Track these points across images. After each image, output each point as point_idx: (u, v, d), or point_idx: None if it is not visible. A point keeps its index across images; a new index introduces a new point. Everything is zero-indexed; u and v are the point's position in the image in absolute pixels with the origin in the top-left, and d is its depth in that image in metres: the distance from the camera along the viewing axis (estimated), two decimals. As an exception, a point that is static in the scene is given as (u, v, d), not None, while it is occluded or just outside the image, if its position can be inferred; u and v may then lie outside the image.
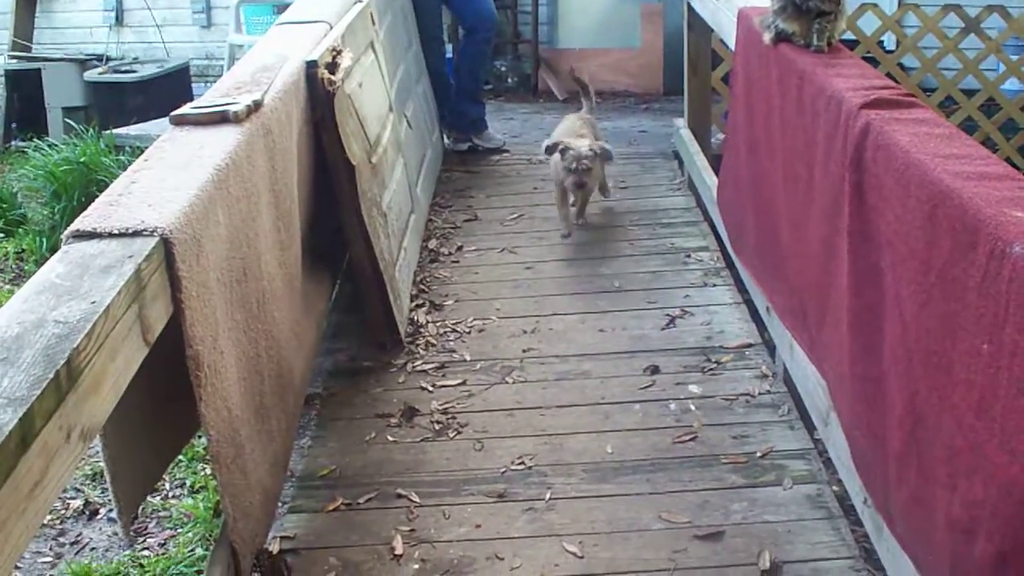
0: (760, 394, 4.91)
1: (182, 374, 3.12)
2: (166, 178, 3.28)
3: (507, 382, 5.18)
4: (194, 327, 3.07)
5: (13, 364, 2.20)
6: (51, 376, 2.17)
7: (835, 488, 4.18)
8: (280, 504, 4.25)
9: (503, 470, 4.47)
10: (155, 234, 2.90)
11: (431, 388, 5.16)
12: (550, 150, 6.49)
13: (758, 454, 4.46)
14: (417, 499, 4.32)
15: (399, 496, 4.35)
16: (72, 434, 2.26)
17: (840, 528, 3.98)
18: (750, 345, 5.38)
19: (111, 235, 2.88)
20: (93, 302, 2.49)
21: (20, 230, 8.39)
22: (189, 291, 3.03)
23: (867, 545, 3.83)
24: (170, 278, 2.95)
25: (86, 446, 2.37)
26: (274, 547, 3.98)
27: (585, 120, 7.04)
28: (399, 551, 4.01)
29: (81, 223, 2.95)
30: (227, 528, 3.49)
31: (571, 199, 6.73)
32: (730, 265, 6.15)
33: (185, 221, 3.04)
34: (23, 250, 8.18)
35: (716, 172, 6.31)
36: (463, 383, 5.20)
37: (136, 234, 2.89)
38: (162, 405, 3.37)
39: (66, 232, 2.91)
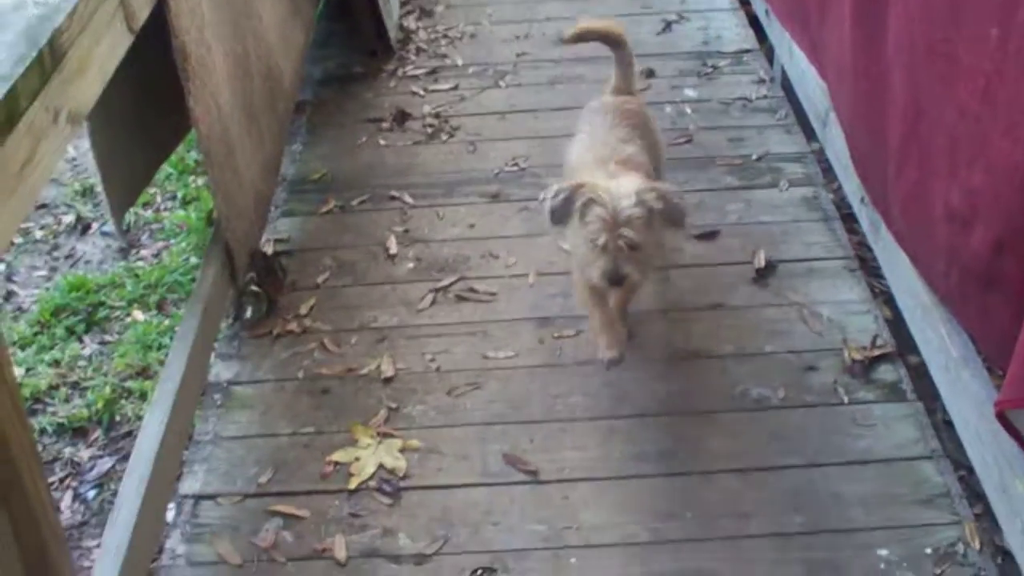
0: (757, 98, 4.85)
1: (172, 73, 3.04)
2: None
3: (500, 86, 5.11)
4: (179, 17, 2.98)
5: (-6, 44, 2.13)
6: (34, 55, 2.10)
7: (831, 194, 4.17)
8: (273, 208, 4.24)
9: (497, 171, 4.46)
10: (137, -84, 2.77)
11: (423, 93, 5.09)
12: (558, 213, 3.06)
13: (754, 157, 4.43)
14: (411, 201, 4.31)
15: (392, 198, 4.34)
16: (59, 116, 2.20)
17: (835, 230, 4.00)
18: (748, 51, 5.28)
19: (92, -83, 2.75)
20: (74, -17, 2.39)
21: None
22: (173, -22, 2.92)
23: (860, 252, 3.86)
24: (152, -36, 2.84)
25: (75, 130, 2.32)
26: (269, 248, 3.99)
27: (629, 114, 3.52)
28: (393, 251, 4.03)
29: (56, -94, 2.81)
30: (221, 229, 3.48)
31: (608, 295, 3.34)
32: (728, -31, 5.97)
33: (167, -96, 2.90)
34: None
35: None
36: (455, 87, 5.13)
37: (115, -83, 2.75)
38: (152, 104, 3.31)
39: (41, -85, 2.77)
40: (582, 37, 3.73)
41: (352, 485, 3.09)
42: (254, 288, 3.71)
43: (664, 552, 2.87)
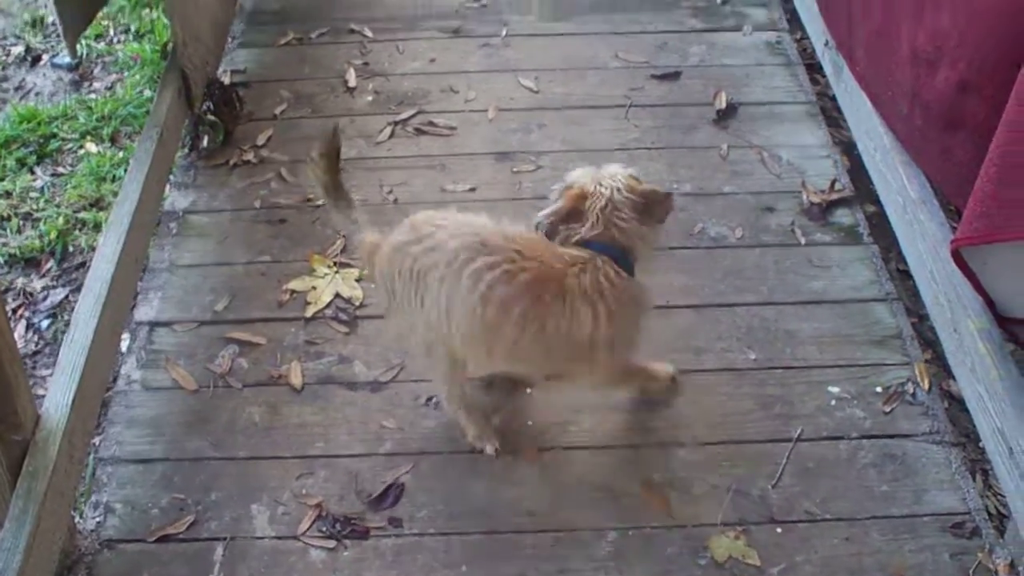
0: (724, -59, 4.77)
1: None
2: None
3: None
4: None
5: None
6: None
7: (795, 42, 4.13)
8: (231, 39, 4.17)
9: (458, 7, 4.39)
10: None
11: (384, -77, 4.97)
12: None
13: (719, 0, 4.38)
14: (371, 34, 4.24)
15: (352, 31, 4.27)
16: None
17: (798, 75, 3.97)
18: None
19: None
20: None
21: None
22: None
23: (822, 102, 3.84)
24: None
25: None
26: (226, 79, 3.92)
27: None
28: (352, 83, 3.97)
29: None
30: (177, 55, 3.41)
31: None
32: None
33: None
34: None
35: None
36: (417, -82, 5.01)
37: None
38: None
39: None
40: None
41: (308, 313, 3.09)
42: (211, 117, 3.65)
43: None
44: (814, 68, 3.87)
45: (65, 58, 4.42)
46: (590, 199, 2.47)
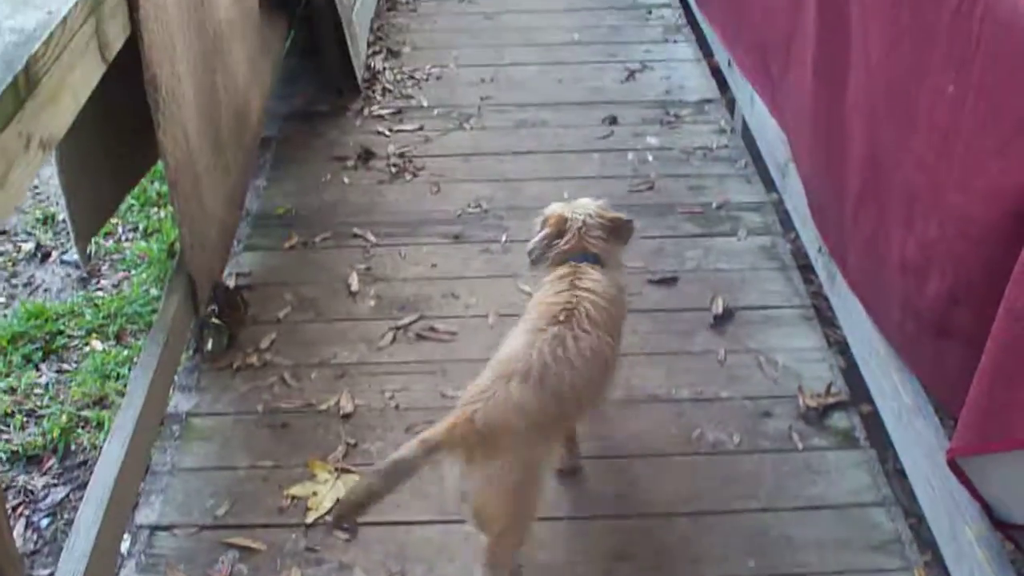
0: (718, 148, 4.92)
1: (141, 105, 3.06)
2: None
3: (465, 128, 5.16)
4: (152, 49, 3.00)
5: (-31, 69, 2.15)
6: (9, 80, 2.12)
7: (789, 244, 4.23)
8: (236, 242, 4.25)
9: (459, 213, 4.49)
10: (112, -52, 2.79)
11: (388, 132, 5.13)
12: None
13: (714, 205, 4.49)
14: (373, 239, 4.33)
15: (355, 236, 4.36)
16: (31, 142, 2.22)
17: (793, 279, 4.05)
18: (709, 101, 5.36)
19: (65, -51, 2.77)
20: (50, 12, 2.42)
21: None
22: (147, 11, 2.94)
23: (816, 302, 3.91)
24: (127, -4, 2.87)
25: (45, 156, 2.33)
26: (231, 282, 4.00)
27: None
28: (355, 288, 4.04)
29: (33, -64, 2.83)
30: (184, 259, 3.49)
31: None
32: (692, 23, 6.08)
33: (143, -63, 2.93)
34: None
35: (681, -74, 6.15)
36: (420, 128, 5.17)
37: (93, -52, 2.78)
38: (120, 134, 3.32)
39: (18, -55, 2.79)
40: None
41: (309, 519, 3.09)
42: (215, 320, 3.72)
43: (617, 593, 2.88)
44: (808, 268, 3.94)
45: (75, 255, 4.51)
46: (569, 222, 3.00)
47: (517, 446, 2.54)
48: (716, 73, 5.46)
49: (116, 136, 3.32)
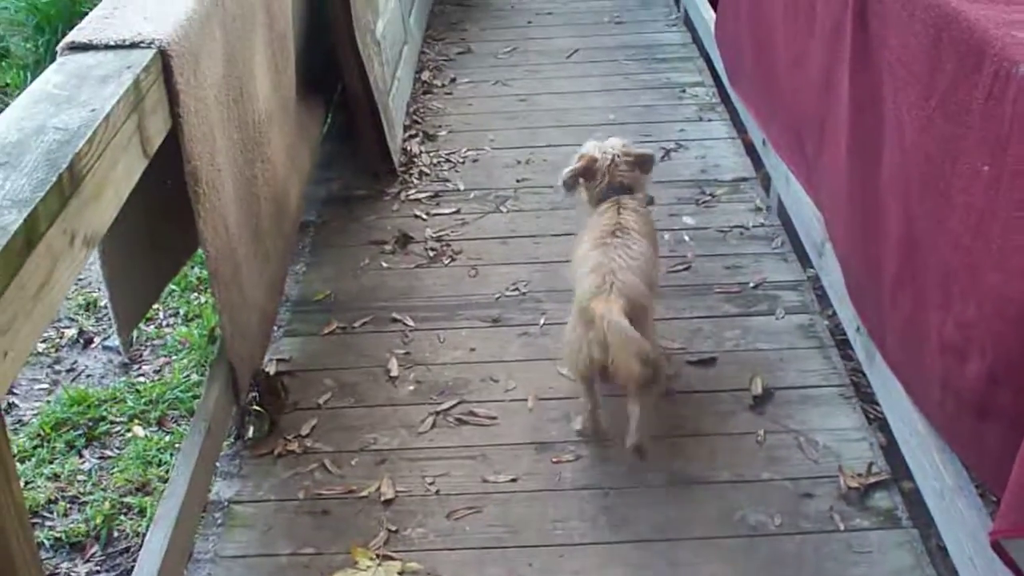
0: (754, 226, 4.93)
1: (181, 194, 3.11)
2: (161, -7, 3.22)
3: (501, 211, 5.20)
4: (192, 142, 3.05)
5: (15, 168, 2.19)
6: (54, 179, 2.15)
7: (827, 321, 4.22)
8: (276, 328, 4.29)
9: (497, 296, 4.52)
10: (152, 46, 2.85)
11: (425, 216, 5.17)
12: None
13: (751, 284, 4.50)
14: (412, 323, 4.36)
15: (394, 320, 4.39)
16: (76, 239, 2.26)
17: (831, 357, 4.04)
18: (745, 179, 5.38)
19: (108, 47, 2.83)
20: (93, 110, 2.47)
21: (3, 64, 8.20)
22: (187, 105, 3.00)
23: (855, 378, 3.89)
24: (168, 91, 2.92)
25: (89, 252, 2.37)
26: (271, 368, 4.03)
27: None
28: (395, 373, 4.07)
29: (77, 35, 2.89)
30: (225, 347, 3.52)
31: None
32: (726, 100, 6.11)
33: (182, 34, 2.99)
34: (7, 84, 8.01)
35: (714, 7, 6.20)
36: (457, 211, 5.21)
37: (133, 46, 2.84)
38: (161, 224, 3.37)
39: (61, 44, 2.85)
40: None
41: (351, 606, 3.09)
42: (256, 407, 3.75)
43: None
44: (846, 344, 3.93)
45: (116, 341, 4.56)
46: (599, 161, 3.75)
47: (646, 304, 3.42)
48: (751, 150, 5.49)
49: (158, 225, 3.37)
